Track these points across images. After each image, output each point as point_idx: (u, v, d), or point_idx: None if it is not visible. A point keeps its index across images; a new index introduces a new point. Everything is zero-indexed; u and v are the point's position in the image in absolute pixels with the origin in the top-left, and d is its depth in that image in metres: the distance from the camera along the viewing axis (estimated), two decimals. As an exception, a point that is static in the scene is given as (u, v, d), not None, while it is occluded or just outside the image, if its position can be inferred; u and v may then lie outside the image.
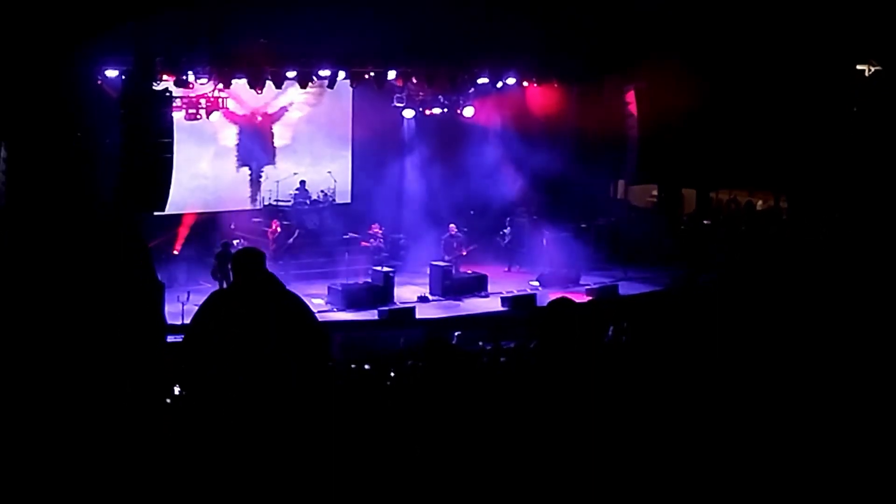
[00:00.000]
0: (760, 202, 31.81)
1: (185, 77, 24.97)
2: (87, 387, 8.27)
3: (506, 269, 29.24)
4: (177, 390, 9.53)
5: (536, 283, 27.95)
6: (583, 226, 30.75)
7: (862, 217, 25.80)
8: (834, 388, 8.07)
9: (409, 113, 30.04)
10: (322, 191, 29.18)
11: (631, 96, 30.16)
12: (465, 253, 28.19)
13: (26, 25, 20.36)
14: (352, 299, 25.58)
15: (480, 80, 29.38)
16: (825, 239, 26.05)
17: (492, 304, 26.41)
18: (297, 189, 28.82)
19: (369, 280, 26.59)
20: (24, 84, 20.77)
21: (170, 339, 11.18)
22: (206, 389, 8.34)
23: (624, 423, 7.18)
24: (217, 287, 25.03)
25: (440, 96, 29.90)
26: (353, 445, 7.57)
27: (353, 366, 14.65)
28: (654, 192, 32.87)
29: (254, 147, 29.13)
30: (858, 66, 28.40)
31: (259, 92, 26.84)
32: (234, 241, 25.94)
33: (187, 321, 23.43)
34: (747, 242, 29.35)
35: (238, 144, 28.93)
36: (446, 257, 27.82)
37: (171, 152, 24.25)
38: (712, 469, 7.04)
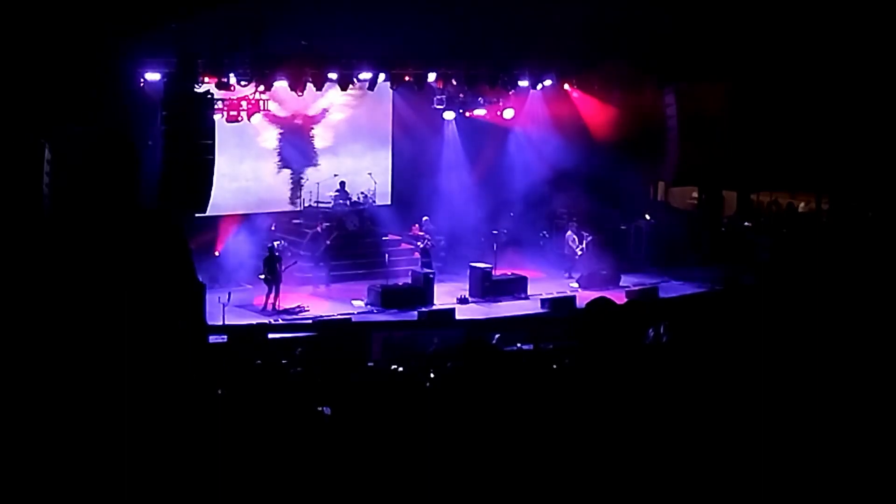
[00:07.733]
0: (802, 204, 31.63)
1: (226, 79, 25.10)
2: (129, 384, 8.35)
3: (545, 271, 29.19)
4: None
5: (576, 285, 27.93)
6: (623, 227, 30.68)
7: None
8: (874, 390, 8.03)
9: (449, 114, 30.04)
10: (362, 192, 29.24)
11: (671, 97, 30.03)
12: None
13: (69, 26, 20.54)
14: (391, 300, 25.65)
15: (521, 82, 29.35)
16: (866, 241, 25.86)
17: (531, 306, 26.41)
18: (337, 191, 28.89)
19: (409, 281, 26.66)
20: (67, 85, 20.93)
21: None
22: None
23: (663, 424, 7.17)
24: (267, 290, 25.13)
25: (480, 98, 29.89)
26: (394, 445, 7.61)
27: (393, 366, 14.71)
28: (695, 194, 32.75)
29: (294, 149, 29.22)
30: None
31: (300, 94, 26.93)
32: (276, 243, 26.05)
33: (227, 322, 23.57)
34: (788, 244, 29.17)
35: (279, 146, 29.04)
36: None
37: (213, 154, 24.39)
38: (752, 469, 7.02)
